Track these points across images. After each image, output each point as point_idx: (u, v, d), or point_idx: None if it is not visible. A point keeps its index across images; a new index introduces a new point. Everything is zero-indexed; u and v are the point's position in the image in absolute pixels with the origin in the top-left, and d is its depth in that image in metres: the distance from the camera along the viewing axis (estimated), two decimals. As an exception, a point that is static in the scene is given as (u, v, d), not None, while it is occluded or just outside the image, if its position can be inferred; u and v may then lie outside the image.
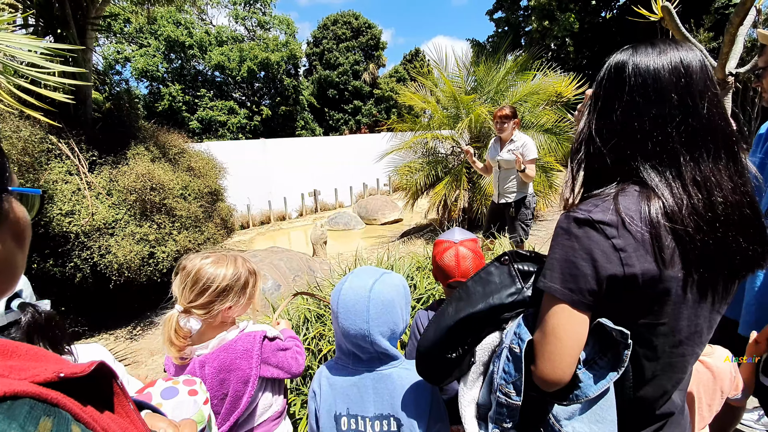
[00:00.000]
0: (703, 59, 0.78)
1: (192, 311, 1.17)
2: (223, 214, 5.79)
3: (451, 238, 1.34)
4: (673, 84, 0.76)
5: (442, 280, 1.35)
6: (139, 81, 21.77)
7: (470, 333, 0.96)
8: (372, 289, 1.09)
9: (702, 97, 0.76)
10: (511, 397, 0.87)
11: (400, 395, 1.09)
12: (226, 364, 1.19)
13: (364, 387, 1.11)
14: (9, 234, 0.50)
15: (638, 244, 0.74)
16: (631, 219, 0.74)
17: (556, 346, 0.79)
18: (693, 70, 0.77)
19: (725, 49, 4.08)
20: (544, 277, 0.81)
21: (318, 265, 4.09)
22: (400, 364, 1.13)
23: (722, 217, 0.74)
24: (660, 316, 0.78)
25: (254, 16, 25.33)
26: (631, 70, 0.79)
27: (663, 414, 0.90)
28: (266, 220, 11.70)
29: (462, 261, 1.28)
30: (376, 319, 1.07)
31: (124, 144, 4.88)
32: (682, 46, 0.79)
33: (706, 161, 0.76)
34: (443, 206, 6.54)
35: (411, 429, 1.09)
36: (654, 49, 0.79)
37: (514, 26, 19.74)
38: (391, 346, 1.10)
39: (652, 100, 0.77)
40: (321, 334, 2.11)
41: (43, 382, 0.38)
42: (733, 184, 0.76)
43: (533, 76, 6.99)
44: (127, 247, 4.28)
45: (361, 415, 1.12)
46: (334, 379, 1.16)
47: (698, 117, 0.76)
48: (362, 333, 1.07)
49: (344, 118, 27.05)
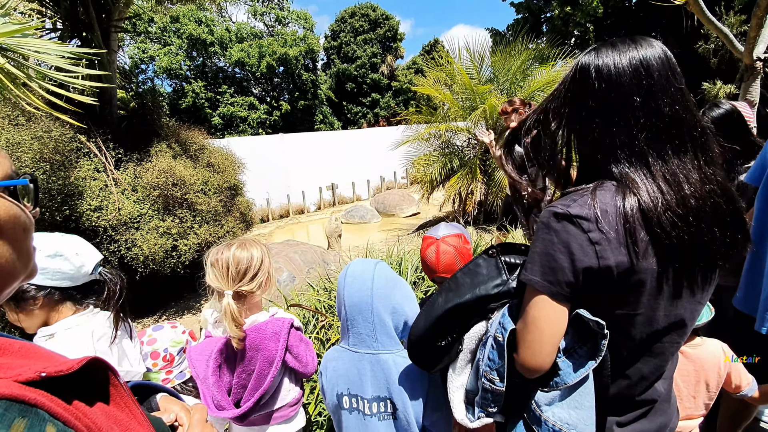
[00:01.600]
0: (664, 53, 0.79)
1: (242, 292, 1.27)
2: (242, 209, 5.96)
3: (434, 234, 1.38)
4: (635, 86, 0.78)
5: (429, 275, 1.39)
6: (163, 79, 22.41)
7: (458, 322, 1.00)
8: (378, 264, 1.20)
9: (665, 95, 0.77)
10: (495, 383, 0.91)
11: (396, 380, 1.14)
12: (256, 343, 1.28)
13: (362, 369, 1.18)
14: None
15: (613, 237, 0.76)
16: (606, 213, 0.76)
17: (537, 336, 0.82)
18: (654, 68, 0.78)
19: (752, 33, 3.90)
20: (526, 270, 0.84)
21: (332, 258, 4.18)
22: (397, 351, 1.18)
23: (694, 211, 0.75)
24: (637, 306, 0.80)
25: (272, 12, 25.55)
26: (595, 75, 0.80)
27: (645, 401, 0.92)
28: (285, 213, 11.93)
29: (442, 256, 1.31)
30: (379, 288, 1.15)
31: (148, 141, 5.09)
32: (641, 44, 0.80)
33: (671, 157, 0.78)
34: (459, 198, 6.51)
35: (406, 414, 1.15)
36: (614, 50, 0.81)
37: (534, 12, 19.15)
38: (391, 326, 1.17)
39: (616, 105, 0.79)
40: (330, 324, 2.19)
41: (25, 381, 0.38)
42: (702, 175, 0.77)
43: (553, 64, 6.82)
44: (151, 240, 4.49)
45: (360, 395, 1.18)
46: (336, 361, 1.23)
47: (661, 115, 0.77)
48: (366, 299, 1.15)
49: (362, 111, 27.07)
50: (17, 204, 0.50)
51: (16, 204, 0.50)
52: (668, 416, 0.97)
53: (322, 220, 11.50)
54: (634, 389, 0.89)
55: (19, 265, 0.50)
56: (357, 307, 1.16)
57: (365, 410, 1.18)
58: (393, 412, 1.16)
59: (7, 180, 0.50)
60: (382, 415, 1.17)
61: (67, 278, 1.17)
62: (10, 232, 0.49)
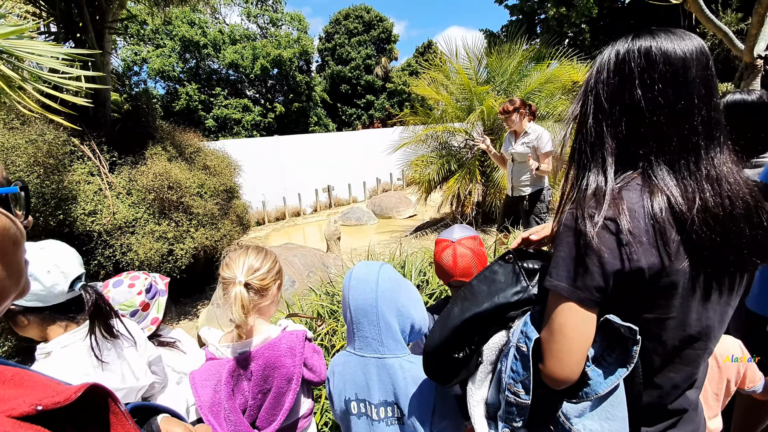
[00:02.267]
0: (702, 47, 0.76)
1: (254, 285, 1.21)
2: (239, 212, 5.89)
3: (449, 237, 1.34)
4: (701, 73, 0.73)
5: (444, 279, 1.35)
6: (156, 81, 22.24)
7: (477, 332, 0.96)
8: (382, 267, 1.17)
9: (699, 91, 0.74)
10: (520, 396, 0.87)
11: (402, 386, 1.11)
12: (272, 361, 1.22)
13: (369, 373, 1.15)
14: None
15: (643, 238, 0.72)
16: (634, 214, 0.73)
17: (564, 344, 0.78)
18: (692, 63, 0.74)
19: (753, 30, 3.91)
20: (550, 276, 0.80)
21: (332, 261, 4.13)
22: (404, 356, 1.15)
23: (729, 210, 0.73)
24: (668, 310, 0.76)
25: (266, 14, 25.46)
26: (657, 56, 0.74)
27: (676, 410, 0.89)
28: (281, 216, 11.85)
29: (460, 260, 1.28)
30: (384, 291, 1.12)
31: (142, 144, 5.01)
32: (682, 36, 0.76)
33: (704, 156, 0.75)
34: (456, 200, 6.49)
35: (413, 421, 1.11)
36: (674, 35, 0.75)
37: (528, 14, 19.27)
38: (398, 330, 1.13)
39: (681, 91, 0.74)
40: (334, 330, 2.14)
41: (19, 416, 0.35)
42: (732, 174, 0.75)
43: (548, 64, 6.83)
44: (147, 245, 4.41)
45: (368, 400, 1.15)
46: (343, 366, 1.20)
47: (717, 108, 0.74)
48: (371, 302, 1.11)
49: (357, 113, 27.03)
50: (6, 214, 0.46)
51: (5, 214, 0.46)
52: (696, 424, 0.94)
53: (318, 223, 11.44)
54: (665, 398, 0.86)
55: (9, 283, 0.46)
56: (362, 310, 1.13)
57: (373, 415, 1.15)
58: (400, 418, 1.13)
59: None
60: (389, 420, 1.14)
61: (36, 299, 1.07)
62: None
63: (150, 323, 1.51)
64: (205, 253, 4.97)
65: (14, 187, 0.48)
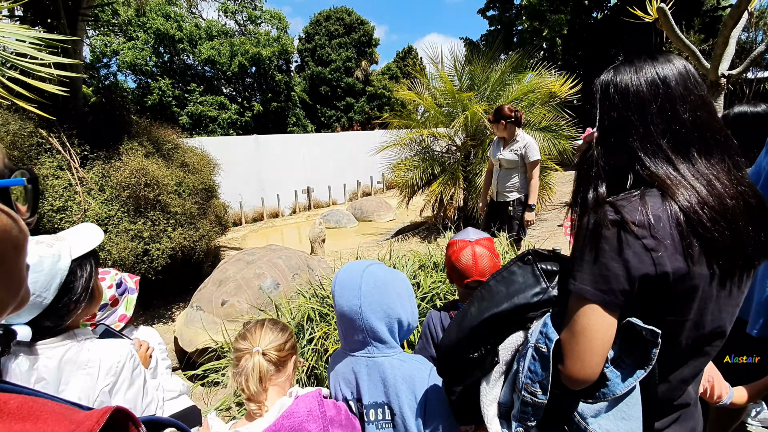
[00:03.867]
0: (684, 68, 0.84)
1: (271, 355, 1.12)
2: (218, 211, 5.71)
3: (465, 238, 1.35)
4: (652, 96, 0.82)
5: (459, 280, 1.34)
6: (127, 75, 21.33)
7: (493, 333, 0.97)
8: (366, 270, 1.13)
9: (684, 102, 0.81)
10: (537, 396, 0.88)
11: (393, 385, 1.09)
12: (295, 429, 1.07)
13: (359, 373, 1.13)
14: None
15: (668, 243, 0.75)
16: (659, 219, 0.76)
17: (586, 346, 0.80)
18: (669, 80, 0.82)
19: (718, 51, 4.17)
20: (574, 279, 0.82)
21: (317, 263, 4.07)
22: (394, 354, 1.12)
23: (731, 210, 0.77)
24: (688, 312, 0.79)
25: (245, 10, 24.97)
26: (613, 89, 0.87)
27: (679, 405, 0.93)
28: (259, 217, 11.59)
29: (479, 260, 1.28)
30: (368, 296, 1.08)
31: (117, 139, 4.78)
32: (658, 60, 0.85)
33: (698, 160, 0.80)
34: (439, 204, 6.55)
35: (404, 421, 1.09)
36: (631, 67, 0.86)
37: (506, 25, 19.83)
38: (385, 331, 1.11)
39: (636, 113, 0.83)
40: (326, 333, 2.10)
41: None
42: (732, 177, 0.80)
43: (527, 75, 7.04)
44: (121, 244, 4.20)
45: (361, 401, 1.13)
46: (337, 366, 1.18)
47: (681, 121, 0.81)
48: (355, 309, 1.08)
49: (336, 115, 26.88)
50: (8, 212, 0.38)
51: (6, 212, 0.38)
52: (696, 420, 0.98)
53: (297, 224, 11.26)
54: (673, 393, 0.89)
55: (6, 295, 0.38)
56: (347, 318, 1.11)
57: (365, 417, 1.12)
58: (392, 419, 1.11)
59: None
60: (380, 423, 1.11)
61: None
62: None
63: (118, 320, 1.46)
64: (183, 254, 4.79)
65: (20, 179, 0.40)
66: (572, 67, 14.27)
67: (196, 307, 3.40)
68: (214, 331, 2.96)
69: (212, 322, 3.21)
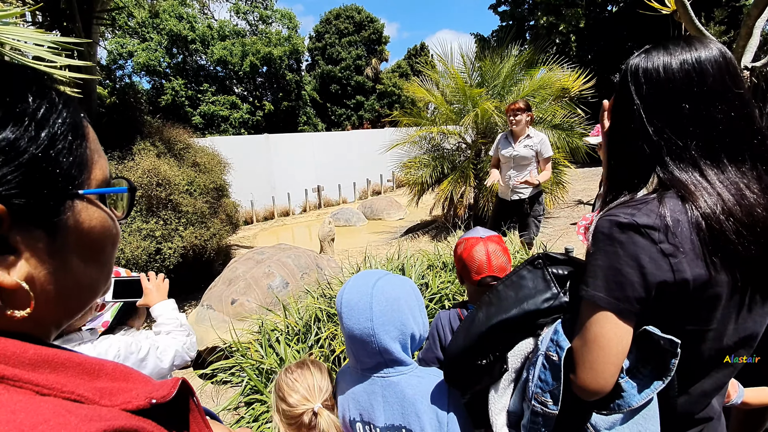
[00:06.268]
0: (722, 55, 0.75)
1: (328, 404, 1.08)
2: (229, 210, 5.76)
3: (476, 235, 1.31)
4: (684, 92, 0.74)
5: (472, 277, 1.29)
6: (141, 76, 21.69)
7: (502, 340, 0.93)
8: (375, 286, 1.03)
9: (720, 101, 0.73)
10: (548, 406, 0.84)
11: (411, 405, 1.01)
12: None
13: (373, 394, 1.05)
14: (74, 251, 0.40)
15: (688, 248, 0.70)
16: (678, 223, 0.71)
17: (600, 355, 0.76)
18: (708, 73, 0.73)
19: (741, 42, 4.01)
20: (587, 285, 0.78)
21: (326, 263, 4.06)
22: (410, 371, 1.05)
23: (761, 220, 0.71)
24: (709, 322, 0.75)
25: (256, 10, 25.14)
26: (643, 79, 0.77)
27: (701, 419, 0.88)
28: (270, 215, 11.68)
29: (493, 255, 1.25)
30: (380, 317, 1.00)
31: (130, 139, 4.85)
32: (696, 45, 0.76)
33: (728, 165, 0.74)
34: (449, 203, 6.49)
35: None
36: (665, 53, 0.76)
37: (519, 20, 19.54)
38: (400, 350, 1.03)
39: (665, 111, 0.75)
40: (334, 334, 2.08)
41: (135, 409, 0.36)
42: (763, 184, 0.73)
43: (539, 70, 6.91)
44: (134, 243, 4.27)
45: (373, 423, 1.05)
46: (346, 384, 1.11)
47: (715, 123, 0.73)
48: (367, 332, 1.00)
49: (346, 113, 26.90)
50: (109, 213, 0.45)
51: (108, 213, 0.44)
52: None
53: (307, 223, 11.32)
54: (694, 406, 0.85)
55: (102, 280, 0.46)
56: (358, 340, 1.02)
57: None
58: None
59: (105, 187, 0.44)
60: None
61: None
62: (99, 245, 0.43)
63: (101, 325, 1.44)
64: (194, 253, 4.84)
65: (123, 188, 0.47)
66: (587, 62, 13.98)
67: (207, 305, 3.42)
68: (223, 330, 2.98)
69: (222, 321, 3.23)
